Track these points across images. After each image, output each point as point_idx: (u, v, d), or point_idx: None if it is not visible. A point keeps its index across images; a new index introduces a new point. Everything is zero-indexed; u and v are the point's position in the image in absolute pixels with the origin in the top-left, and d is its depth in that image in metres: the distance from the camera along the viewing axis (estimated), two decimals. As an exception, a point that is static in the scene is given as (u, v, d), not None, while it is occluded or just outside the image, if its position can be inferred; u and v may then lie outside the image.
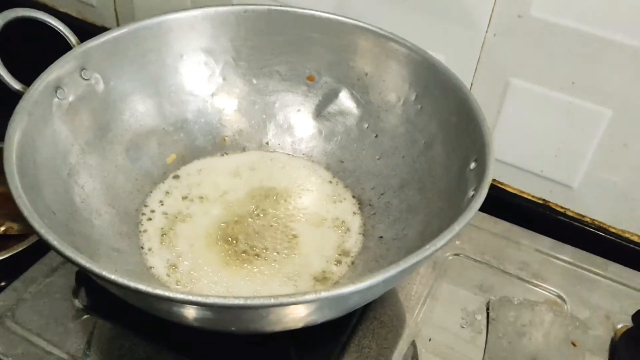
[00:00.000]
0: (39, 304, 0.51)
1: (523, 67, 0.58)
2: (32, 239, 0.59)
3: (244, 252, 0.53)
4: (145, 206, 0.56)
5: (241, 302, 0.34)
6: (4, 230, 0.67)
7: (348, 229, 0.56)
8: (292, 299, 0.35)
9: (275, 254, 0.53)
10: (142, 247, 0.52)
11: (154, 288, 0.34)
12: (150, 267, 0.51)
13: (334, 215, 0.57)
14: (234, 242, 0.54)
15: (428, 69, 0.55)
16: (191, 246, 0.53)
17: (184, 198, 0.57)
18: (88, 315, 0.51)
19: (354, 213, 0.57)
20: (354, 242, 0.55)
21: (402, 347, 0.51)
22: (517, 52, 0.57)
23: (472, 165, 0.48)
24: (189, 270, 0.51)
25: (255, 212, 0.56)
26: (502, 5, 0.56)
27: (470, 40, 0.59)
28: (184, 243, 0.53)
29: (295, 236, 0.55)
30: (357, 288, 0.36)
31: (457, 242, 0.60)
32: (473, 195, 0.44)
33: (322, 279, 0.52)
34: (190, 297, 0.34)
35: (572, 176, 0.61)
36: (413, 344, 0.51)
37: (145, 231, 0.54)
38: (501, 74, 0.59)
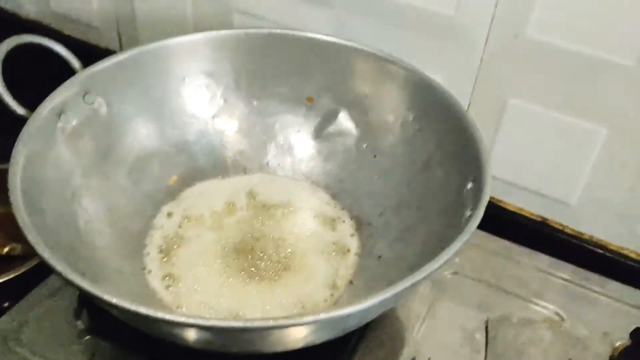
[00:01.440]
0: (42, 325, 0.52)
1: (520, 87, 0.59)
2: (36, 260, 0.60)
3: (244, 274, 0.53)
4: (147, 228, 0.56)
5: (240, 324, 0.35)
6: (7, 251, 0.67)
7: (347, 250, 0.56)
8: (291, 321, 0.35)
9: (275, 275, 0.53)
10: (144, 269, 0.53)
11: (154, 311, 0.34)
12: (152, 289, 0.51)
13: (333, 236, 0.58)
14: (234, 264, 0.54)
15: (426, 89, 0.56)
16: (192, 268, 0.53)
17: (185, 220, 0.58)
18: (90, 337, 0.51)
19: (352, 234, 0.58)
20: (352, 262, 0.55)
21: (402, 366, 0.51)
22: (513, 72, 0.58)
23: (470, 185, 0.48)
24: (190, 292, 0.51)
25: (256, 235, 0.57)
26: (498, 25, 0.56)
27: (467, 61, 0.60)
28: (185, 265, 0.54)
29: (294, 257, 0.55)
30: (355, 309, 0.36)
31: (457, 260, 0.61)
32: (470, 215, 0.45)
33: (322, 299, 0.52)
34: (191, 320, 0.34)
35: (570, 194, 0.62)
36: (413, 363, 0.52)
37: (147, 253, 0.54)
38: (498, 93, 0.60)
